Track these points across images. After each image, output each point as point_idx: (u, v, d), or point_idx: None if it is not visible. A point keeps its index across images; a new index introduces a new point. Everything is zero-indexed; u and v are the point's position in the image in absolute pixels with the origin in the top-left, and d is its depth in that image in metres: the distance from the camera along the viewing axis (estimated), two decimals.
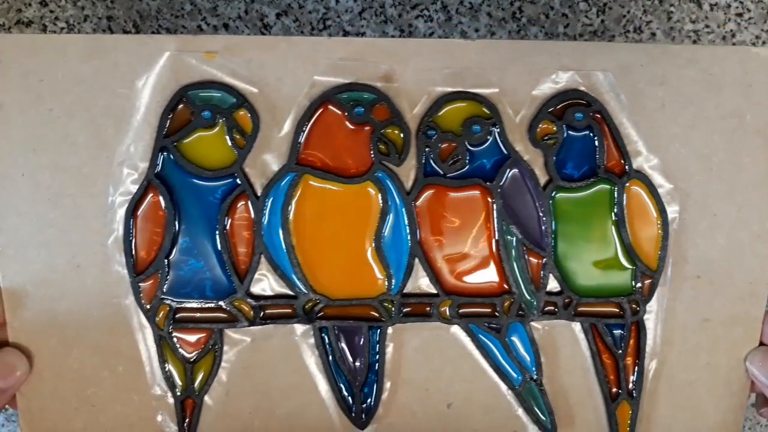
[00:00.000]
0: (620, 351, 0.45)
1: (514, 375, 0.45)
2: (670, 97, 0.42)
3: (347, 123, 0.41)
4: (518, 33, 0.56)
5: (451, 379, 0.45)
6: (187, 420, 0.44)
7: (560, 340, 0.45)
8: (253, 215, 0.42)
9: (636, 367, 0.45)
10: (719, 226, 0.44)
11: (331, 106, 0.41)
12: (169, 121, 0.40)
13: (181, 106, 0.40)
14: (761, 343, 0.45)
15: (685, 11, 0.57)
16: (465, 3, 0.56)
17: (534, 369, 0.45)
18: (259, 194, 0.42)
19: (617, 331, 0.45)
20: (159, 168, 0.41)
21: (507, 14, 0.56)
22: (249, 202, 0.42)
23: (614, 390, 0.45)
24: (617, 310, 0.44)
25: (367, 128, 0.41)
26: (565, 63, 0.41)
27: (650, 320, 0.45)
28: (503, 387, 0.45)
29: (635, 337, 0.45)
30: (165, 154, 0.41)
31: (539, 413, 0.45)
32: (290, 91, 0.41)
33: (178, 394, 0.44)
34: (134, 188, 0.41)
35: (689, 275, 0.45)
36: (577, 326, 0.45)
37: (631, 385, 0.45)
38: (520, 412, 0.45)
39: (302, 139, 0.41)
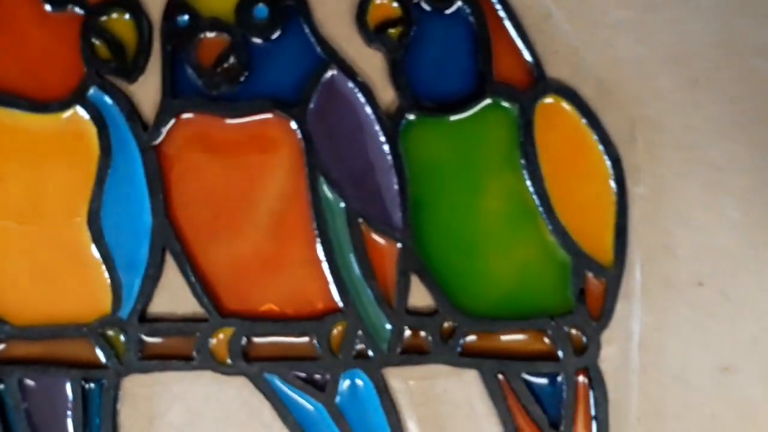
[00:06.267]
0: (556, 429, 0.23)
1: None
2: None
3: (43, 8, 0.24)
4: None
5: None
6: None
7: (444, 407, 0.24)
8: None
9: None
10: (729, 187, 0.24)
11: None
12: None
13: None
14: None
15: None
16: None
17: None
18: None
19: (549, 388, 0.23)
20: None
21: None
22: None
23: None
24: (543, 344, 0.23)
25: (74, 15, 0.24)
26: None
27: (613, 368, 0.24)
28: None
29: (584, 402, 0.23)
30: None
31: None
32: None
33: None
34: None
35: (681, 280, 0.24)
36: (472, 378, 0.24)
37: None
38: None
39: None
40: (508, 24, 0.24)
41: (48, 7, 0.24)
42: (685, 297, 0.24)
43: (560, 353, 0.24)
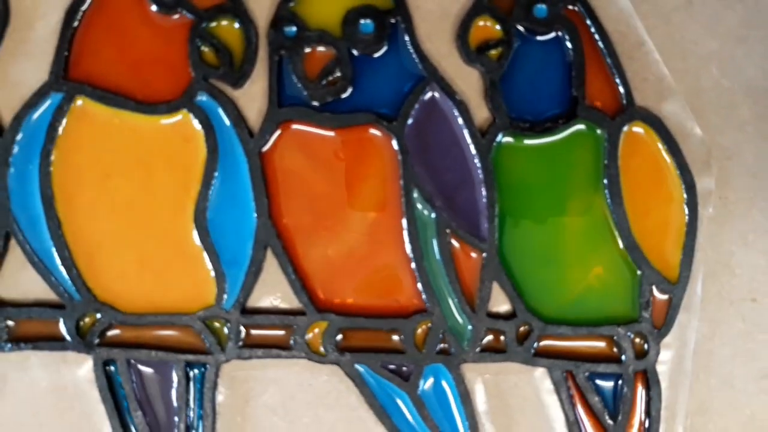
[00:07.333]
0: (614, 421, 0.26)
1: None
2: None
3: (151, 10, 0.24)
4: None
5: None
6: None
7: (514, 399, 0.27)
8: None
9: None
10: None
11: None
12: None
13: None
14: None
15: None
16: None
17: None
18: (5, 129, 0.25)
19: (609, 385, 0.26)
20: None
21: None
22: None
23: None
24: (609, 348, 0.26)
25: (182, 20, 0.24)
26: None
27: (668, 370, 0.26)
28: None
29: (640, 399, 0.26)
30: None
31: None
32: None
33: None
34: None
35: (737, 296, 0.26)
36: (540, 374, 0.26)
37: None
38: None
39: (76, 38, 0.24)
40: (602, 50, 0.25)
41: (155, 9, 0.25)
42: (739, 311, 0.27)
43: (623, 357, 0.26)
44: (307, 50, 0.25)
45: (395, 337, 0.26)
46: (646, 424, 0.27)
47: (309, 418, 0.27)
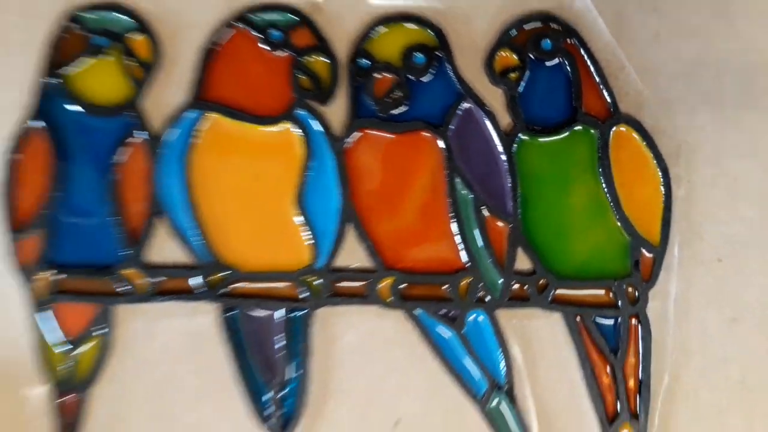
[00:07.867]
0: (616, 354, 0.34)
1: (476, 379, 0.34)
2: (666, 27, 0.34)
3: (263, 49, 0.34)
4: None
5: (399, 386, 0.35)
6: (67, 422, 0.35)
7: (536, 341, 0.35)
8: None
9: (640, 378, 0.34)
10: (743, 193, 0.34)
11: (243, 30, 0.34)
12: (54, 50, 0.34)
13: (67, 32, 0.34)
14: None
15: None
16: None
17: (502, 373, 0.34)
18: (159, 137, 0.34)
19: (608, 325, 0.34)
20: (42, 105, 0.34)
21: None
22: (146, 148, 0.34)
23: (612, 408, 0.34)
24: (608, 297, 0.34)
25: (285, 56, 0.34)
26: None
27: (657, 316, 0.34)
28: (465, 399, 0.34)
29: (636, 337, 0.34)
30: (50, 88, 0.34)
31: None
32: (198, 14, 0.34)
33: (55, 389, 0.35)
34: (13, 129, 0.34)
35: (706, 258, 0.34)
36: (557, 319, 0.34)
37: (634, 402, 0.34)
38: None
39: (208, 70, 0.34)
40: (593, 72, 0.34)
41: (265, 48, 0.34)
42: (708, 269, 0.34)
43: (620, 303, 0.34)
44: (376, 76, 0.34)
45: (445, 288, 0.34)
46: (641, 357, 0.34)
47: (381, 354, 0.35)
